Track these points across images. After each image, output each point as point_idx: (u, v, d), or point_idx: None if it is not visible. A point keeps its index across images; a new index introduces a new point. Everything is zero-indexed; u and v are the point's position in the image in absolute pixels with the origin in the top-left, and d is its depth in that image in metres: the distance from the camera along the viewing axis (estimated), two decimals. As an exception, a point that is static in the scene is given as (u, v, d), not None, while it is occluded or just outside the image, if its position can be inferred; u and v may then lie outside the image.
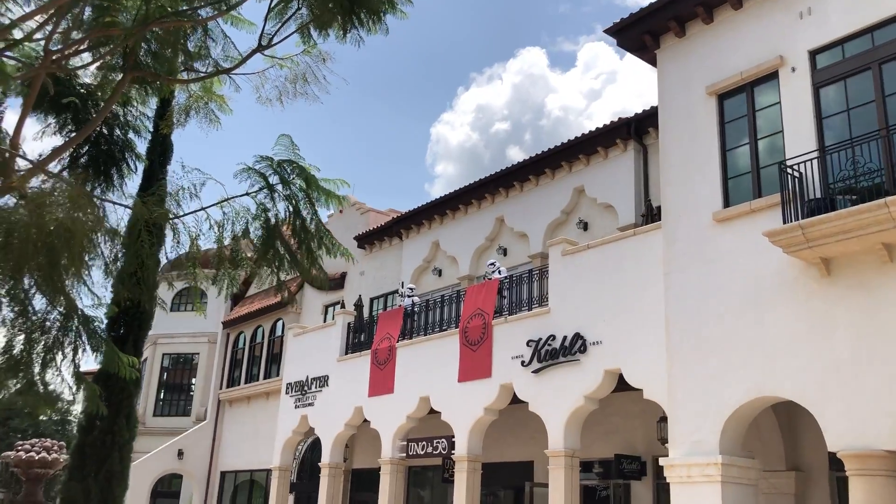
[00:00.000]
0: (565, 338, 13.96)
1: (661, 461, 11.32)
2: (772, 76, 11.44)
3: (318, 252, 9.32)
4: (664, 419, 14.21)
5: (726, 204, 11.59)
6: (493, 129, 70.96)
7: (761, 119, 11.57)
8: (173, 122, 11.12)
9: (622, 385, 13.59)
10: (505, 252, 19.73)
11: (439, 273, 21.94)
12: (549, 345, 14.23)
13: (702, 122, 12.19)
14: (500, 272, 16.80)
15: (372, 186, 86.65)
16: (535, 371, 14.35)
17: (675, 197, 12.31)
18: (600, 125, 17.37)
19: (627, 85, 74.26)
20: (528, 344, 14.66)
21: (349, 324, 20.46)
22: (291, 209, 8.81)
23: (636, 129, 16.79)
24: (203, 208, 8.65)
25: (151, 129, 13.32)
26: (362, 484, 22.81)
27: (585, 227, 17.68)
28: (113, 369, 10.21)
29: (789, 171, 10.42)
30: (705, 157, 12.02)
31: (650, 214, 14.60)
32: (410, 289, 19.44)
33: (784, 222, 10.17)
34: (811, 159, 10.33)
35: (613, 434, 15.85)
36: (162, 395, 32.92)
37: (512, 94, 72.82)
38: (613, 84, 73.30)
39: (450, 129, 76.26)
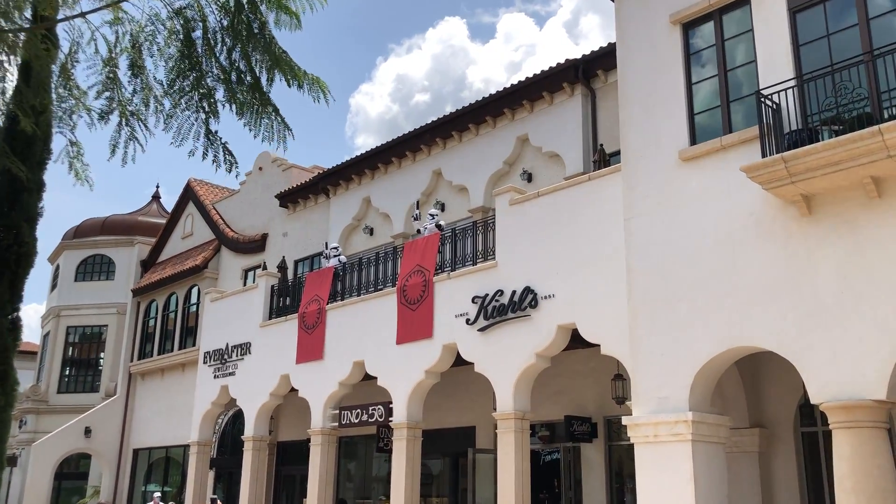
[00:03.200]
0: (514, 292, 12.98)
1: (625, 420, 10.49)
2: (743, 1, 10.56)
3: (270, 80, 6.81)
4: (619, 377, 13.54)
5: (693, 141, 10.73)
6: (414, 100, 69.41)
7: (731, 49, 10.70)
8: None
9: (571, 343, 12.76)
10: (443, 207, 18.59)
11: (371, 232, 20.65)
12: (497, 300, 13.23)
13: (665, 55, 11.26)
14: (439, 225, 15.65)
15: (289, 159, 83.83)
16: (482, 329, 13.35)
17: (636, 136, 11.37)
18: (545, 67, 16.32)
19: (547, 57, 73.80)
20: (473, 301, 13.63)
21: (273, 287, 19.02)
22: (232, 5, 6.54)
23: (584, 72, 15.83)
24: (83, 14, 6.73)
25: None
26: (289, 457, 21.54)
27: (530, 178, 16.71)
28: None
29: (766, 101, 9.57)
30: (669, 91, 11.10)
31: (603, 160, 13.69)
32: (335, 248, 18.10)
33: (763, 156, 9.33)
34: (789, 88, 9.51)
35: (561, 395, 15.06)
36: (67, 371, 30.73)
37: (432, 66, 71.39)
38: (533, 56, 72.69)
39: (369, 99, 74.22)
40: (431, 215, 15.96)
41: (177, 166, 77.00)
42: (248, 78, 6.72)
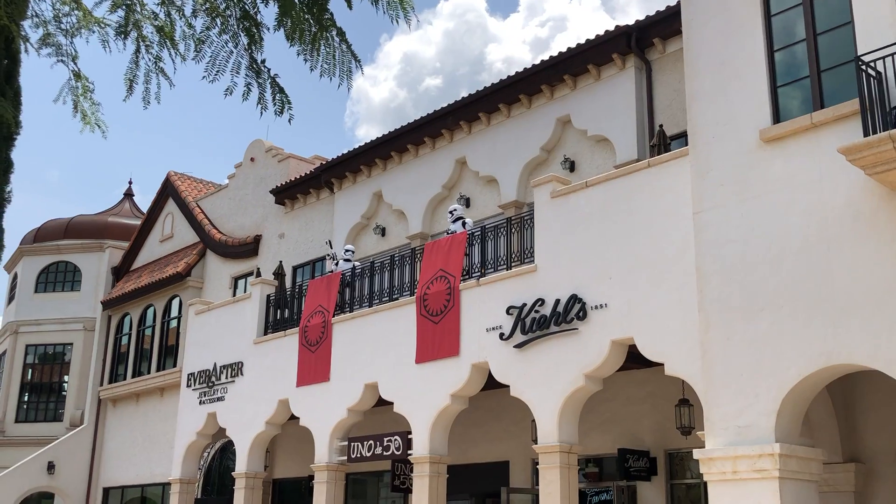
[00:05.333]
0: (558, 302, 12.70)
1: (696, 453, 10.18)
2: (836, -49, 10.27)
3: None
4: (685, 402, 13.25)
5: (776, 119, 10.45)
6: (424, 85, 69.23)
7: (822, 8, 10.42)
8: None
9: (625, 363, 12.50)
10: (468, 202, 18.38)
11: (382, 232, 20.46)
12: (537, 311, 12.96)
13: (741, 16, 11.01)
14: (465, 223, 15.41)
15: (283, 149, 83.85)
16: (519, 345, 13.07)
17: (707, 115, 11.10)
18: (591, 36, 16.06)
19: (580, 32, 73.49)
20: (508, 312, 13.36)
21: (269, 296, 18.85)
22: None
23: (637, 41, 15.57)
24: None
25: None
26: (287, 497, 21.33)
27: (572, 166, 16.47)
28: None
29: (867, 69, 9.27)
30: (747, 60, 10.84)
31: (662, 144, 13.42)
32: (347, 251, 17.90)
33: (866, 134, 9.02)
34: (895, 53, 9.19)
35: (612, 424, 14.78)
36: (26, 397, 30.75)
37: (444, 44, 71.09)
38: (563, 32, 72.44)
39: (372, 84, 74.14)
40: (452, 212, 15.72)
41: (151, 161, 77.30)
42: None
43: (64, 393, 30.63)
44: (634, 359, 12.49)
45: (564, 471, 12.29)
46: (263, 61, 6.24)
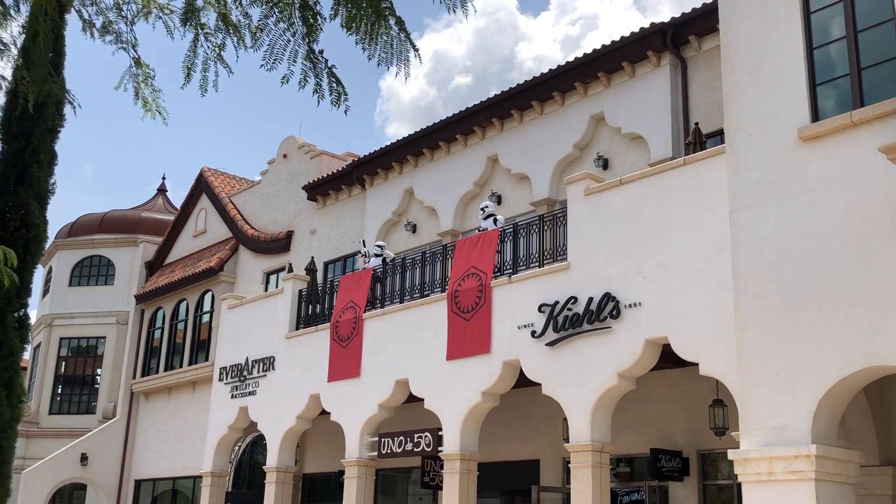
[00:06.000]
0: (591, 300, 12.65)
1: (731, 454, 10.09)
2: (878, -53, 10.13)
3: None
4: (719, 402, 13.14)
5: (815, 117, 10.31)
6: (453, 83, 69.22)
7: (862, 5, 10.27)
8: None
9: (658, 362, 12.42)
10: (499, 200, 18.37)
11: (413, 229, 20.49)
12: (570, 309, 12.93)
13: (778, 14, 10.88)
14: (497, 220, 15.40)
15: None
16: (551, 343, 13.05)
17: (744, 113, 10.98)
18: (623, 34, 15.97)
19: (611, 30, 73.03)
20: (540, 309, 13.34)
21: (301, 291, 18.95)
22: None
23: (673, 38, 15.47)
24: None
25: None
26: (316, 493, 21.43)
27: (606, 164, 16.40)
28: None
29: (910, 67, 9.13)
30: (785, 58, 10.70)
31: (698, 142, 13.31)
32: (378, 246, 17.96)
33: (908, 133, 8.89)
34: (940, 51, 9.06)
35: (644, 424, 14.70)
36: (60, 389, 31.18)
37: (475, 42, 70.96)
38: (595, 31, 72.04)
39: (402, 82, 74.28)
40: (484, 209, 15.71)
41: (184, 158, 78.04)
42: None
43: (97, 386, 31.04)
44: (666, 358, 12.43)
45: (596, 470, 12.25)
46: (321, 51, 6.22)
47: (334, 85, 6.26)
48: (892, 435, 11.87)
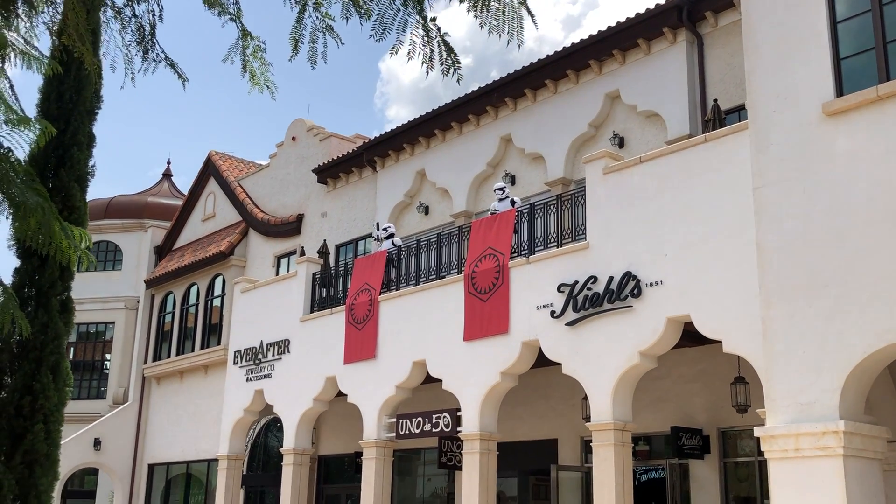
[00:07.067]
0: (611, 279, 12.63)
1: (757, 431, 10.08)
2: (904, -82, 10.01)
3: None
4: (741, 379, 13.14)
5: (840, 92, 10.22)
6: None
7: (888, -22, 10.16)
8: None
9: (680, 340, 12.40)
10: (513, 180, 18.29)
11: (426, 210, 20.44)
12: (589, 289, 12.90)
13: (802, -13, 10.75)
14: (514, 201, 15.34)
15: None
16: (571, 323, 13.03)
17: (767, 88, 10.89)
18: (641, 10, 15.85)
19: (612, 9, 72.51)
20: (559, 289, 13.31)
21: (314, 275, 18.93)
22: None
23: (689, 14, 15.35)
24: None
25: None
26: (332, 474, 21.52)
27: (622, 143, 16.32)
28: (42, 248, 7.09)
29: (938, 40, 9.05)
30: (808, 32, 10.60)
31: (717, 119, 13.23)
32: (385, 229, 17.89)
33: (937, 107, 8.82)
34: (969, 24, 8.97)
35: (664, 402, 14.71)
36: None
37: (475, 23, 70.38)
38: (595, 10, 71.57)
39: (401, 64, 73.96)
40: (500, 189, 15.65)
41: (187, 143, 77.83)
42: None
43: (106, 371, 31.08)
44: (686, 337, 12.41)
45: (619, 448, 12.26)
46: (434, 19, 6.07)
47: (445, 54, 6.12)
48: (916, 410, 11.87)
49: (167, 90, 77.95)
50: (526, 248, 14.70)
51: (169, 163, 39.57)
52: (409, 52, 6.03)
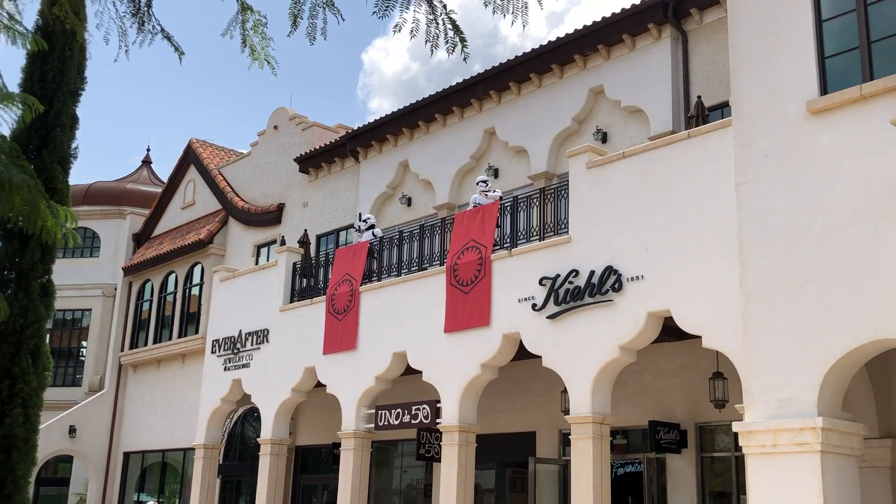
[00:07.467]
0: (593, 273, 12.65)
1: (735, 426, 10.13)
2: (890, -81, 10.07)
3: None
4: (720, 375, 13.21)
5: (824, 90, 10.28)
6: (436, 57, 68.76)
7: (873, -22, 10.21)
8: None
9: (660, 334, 12.44)
10: (496, 173, 18.27)
11: (408, 202, 20.39)
12: (571, 282, 12.92)
13: (788, -14, 10.79)
14: (494, 193, 15.33)
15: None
16: (552, 316, 13.04)
17: (751, 85, 10.93)
18: (626, 6, 15.85)
19: (596, 6, 72.57)
20: (541, 282, 13.32)
21: (295, 264, 18.82)
22: None
23: (674, 10, 15.38)
24: None
25: None
26: (309, 464, 21.46)
27: (605, 137, 16.34)
28: (28, 227, 6.94)
29: (922, 40, 9.11)
30: (793, 30, 10.66)
31: (701, 115, 13.26)
32: (366, 221, 17.81)
33: (921, 107, 8.88)
34: (952, 25, 9.04)
35: (642, 397, 14.77)
36: (44, 361, 30.86)
37: (458, 16, 69.61)
38: (578, 6, 71.64)
39: (384, 56, 73.51)
40: (482, 182, 15.64)
41: (166, 130, 77.21)
42: None
43: (82, 358, 30.80)
44: (665, 331, 12.45)
45: (597, 441, 12.30)
46: None
47: (453, 31, 6.00)
48: (892, 408, 11.98)
49: (148, 75, 77.17)
50: (508, 241, 14.70)
51: (149, 150, 39.01)
52: (412, 31, 5.92)
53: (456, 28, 6.01)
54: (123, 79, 72.99)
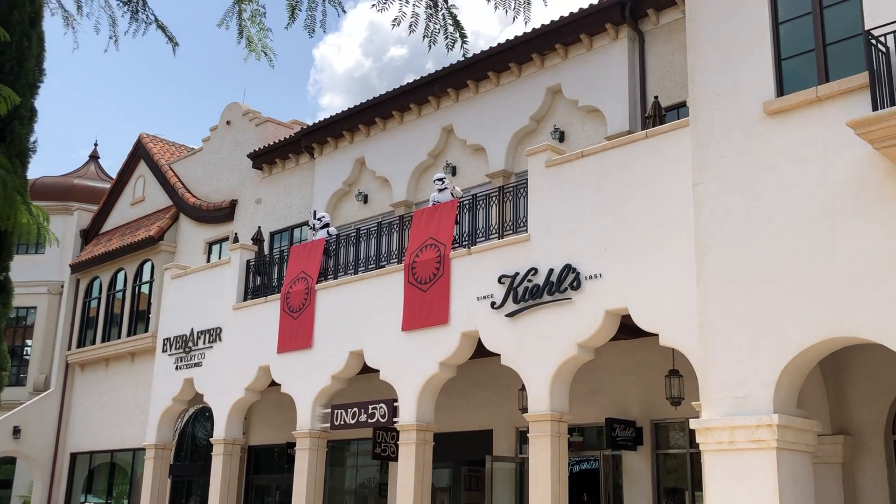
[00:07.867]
0: (552, 271, 12.67)
1: (693, 423, 10.24)
2: (846, -76, 10.23)
3: None
4: (675, 372, 13.33)
5: (780, 92, 10.45)
6: (388, 54, 68.40)
7: (829, -18, 10.38)
8: None
9: (617, 332, 12.52)
10: (454, 171, 18.23)
11: (365, 199, 20.24)
12: (530, 281, 12.93)
13: (746, -12, 10.92)
14: (454, 193, 15.28)
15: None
16: (511, 314, 13.04)
17: (709, 86, 11.05)
18: (584, 5, 15.92)
19: (550, 6, 72.99)
20: (499, 281, 13.31)
21: (248, 262, 18.57)
22: None
23: (632, 11, 15.47)
24: None
25: None
26: (263, 464, 21.21)
27: (562, 137, 16.39)
28: (1, 223, 6.91)
29: (877, 44, 9.28)
30: (751, 33, 10.80)
31: (658, 116, 13.36)
32: (320, 219, 17.64)
33: (874, 108, 9.05)
34: (906, 29, 9.21)
35: (598, 394, 14.85)
36: (-13, 361, 30.05)
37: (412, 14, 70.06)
38: (530, 6, 71.77)
39: (336, 52, 73.02)
40: (439, 180, 15.57)
41: (114, 125, 75.78)
42: None
43: (27, 357, 30.06)
44: (623, 329, 12.52)
45: (555, 439, 12.32)
46: None
47: (454, 27, 5.90)
48: (844, 405, 12.21)
49: (95, 67, 75.64)
50: (467, 239, 14.65)
51: (96, 145, 38.56)
52: (410, 25, 5.82)
53: (457, 23, 5.93)
54: (70, 71, 71.43)
